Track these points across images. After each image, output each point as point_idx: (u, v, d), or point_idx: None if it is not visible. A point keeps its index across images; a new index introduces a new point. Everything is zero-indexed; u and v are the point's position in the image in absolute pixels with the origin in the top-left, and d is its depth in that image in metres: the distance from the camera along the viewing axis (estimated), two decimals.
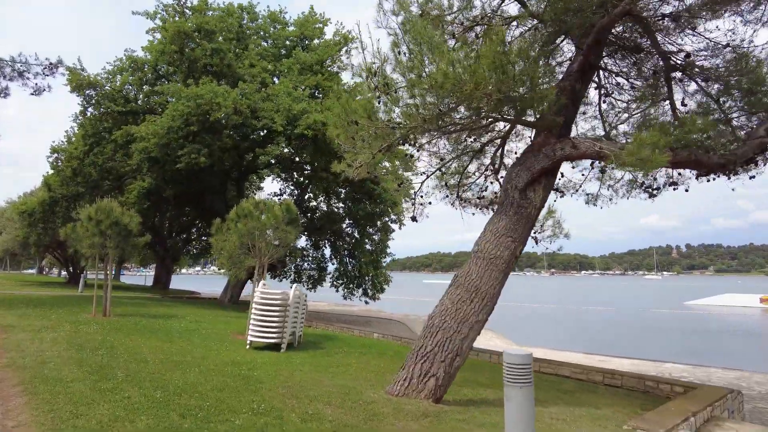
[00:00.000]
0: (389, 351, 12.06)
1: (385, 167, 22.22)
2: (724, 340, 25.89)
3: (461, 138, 10.18)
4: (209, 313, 18.52)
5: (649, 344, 24.23)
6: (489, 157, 12.17)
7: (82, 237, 15.09)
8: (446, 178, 12.50)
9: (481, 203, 13.08)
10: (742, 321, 36.20)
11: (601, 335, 28.12)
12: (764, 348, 23.28)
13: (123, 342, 10.06)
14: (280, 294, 10.63)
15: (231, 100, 17.03)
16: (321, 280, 31.22)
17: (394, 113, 7.71)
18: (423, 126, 7.59)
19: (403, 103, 7.40)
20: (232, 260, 12.45)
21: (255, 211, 12.62)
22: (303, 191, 28.36)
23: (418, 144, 10.89)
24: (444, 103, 7.12)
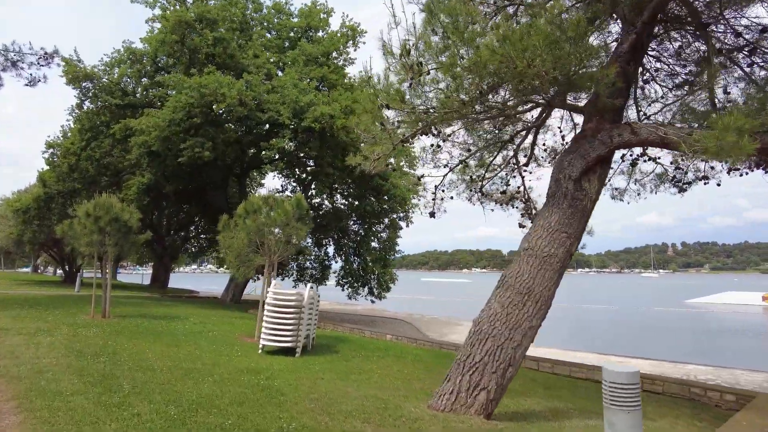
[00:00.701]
0: (407, 355, 11.37)
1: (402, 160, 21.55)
2: (734, 340, 25.34)
3: (491, 127, 9.49)
4: (212, 314, 17.78)
5: (659, 344, 23.62)
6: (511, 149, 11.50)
7: (79, 234, 14.32)
8: (469, 171, 11.82)
9: (502, 198, 12.42)
10: (746, 320, 35.73)
11: (608, 335, 27.52)
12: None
13: (126, 347, 9.33)
14: (294, 295, 9.92)
15: (236, 90, 16.27)
16: (324, 279, 30.49)
17: (430, 96, 7.02)
18: (459, 111, 6.90)
19: (442, 85, 6.71)
20: (240, 258, 11.72)
21: (264, 206, 11.90)
22: (306, 188, 27.61)
23: (442, 135, 10.21)
24: (485, 85, 6.44)
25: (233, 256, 11.77)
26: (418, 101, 7.02)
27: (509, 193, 12.56)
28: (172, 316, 15.90)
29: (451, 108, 6.90)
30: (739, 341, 24.68)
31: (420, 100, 7.07)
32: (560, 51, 5.55)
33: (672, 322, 34.47)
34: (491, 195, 12.48)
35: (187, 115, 16.74)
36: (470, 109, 7.23)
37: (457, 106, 7.00)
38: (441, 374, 9.25)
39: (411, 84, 6.93)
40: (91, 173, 22.98)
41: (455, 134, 10.21)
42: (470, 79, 6.38)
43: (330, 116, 16.54)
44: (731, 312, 42.07)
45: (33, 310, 14.73)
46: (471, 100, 6.71)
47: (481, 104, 7.26)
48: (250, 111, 16.95)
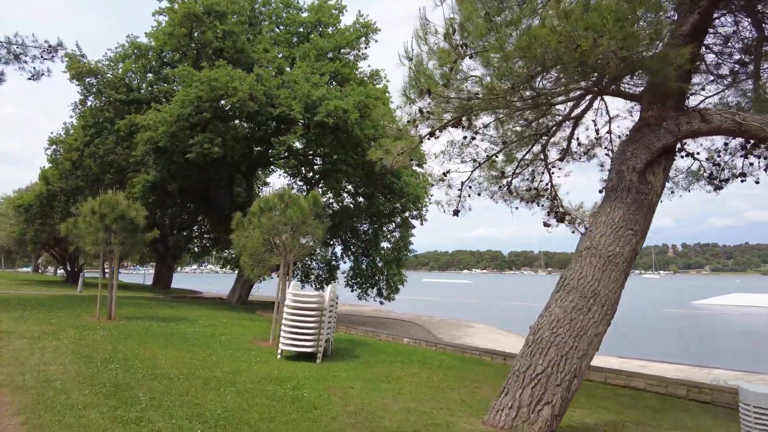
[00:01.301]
0: (432, 361, 10.79)
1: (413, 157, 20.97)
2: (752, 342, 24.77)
3: (529, 119, 8.91)
4: (221, 315, 17.20)
5: (676, 347, 23.05)
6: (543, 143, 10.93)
7: (84, 233, 13.76)
8: (497, 167, 11.24)
9: (528, 196, 11.84)
10: (758, 321, 35.18)
11: (625, 337, 26.90)
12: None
13: (137, 352, 8.75)
14: (315, 297, 9.34)
15: (247, 85, 15.68)
16: (331, 280, 29.87)
17: (474, 82, 6.43)
18: (504, 98, 6.33)
19: (479, 72, 6.15)
20: (255, 258, 11.13)
21: (279, 203, 11.32)
22: (313, 187, 27.00)
23: (473, 127, 9.64)
24: (537, 68, 5.87)
25: (247, 256, 11.18)
26: (462, 86, 6.42)
27: (535, 191, 12.00)
28: (180, 317, 15.32)
29: (497, 94, 6.34)
30: (760, 344, 24.11)
31: (464, 85, 6.48)
32: (631, 28, 4.98)
33: (684, 323, 33.92)
34: (517, 192, 11.92)
35: (195, 110, 16.15)
36: (518, 95, 6.67)
37: (503, 92, 6.43)
38: (475, 383, 8.68)
39: (453, 68, 6.35)
40: (94, 171, 22.39)
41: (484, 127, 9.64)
42: (521, 62, 5.82)
43: (343, 111, 15.95)
44: (742, 314, 41.51)
45: (36, 312, 14.15)
46: (519, 85, 6.14)
47: (530, 90, 6.69)
48: (261, 106, 16.36)
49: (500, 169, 11.61)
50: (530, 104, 7.08)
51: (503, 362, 11.64)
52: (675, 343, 24.04)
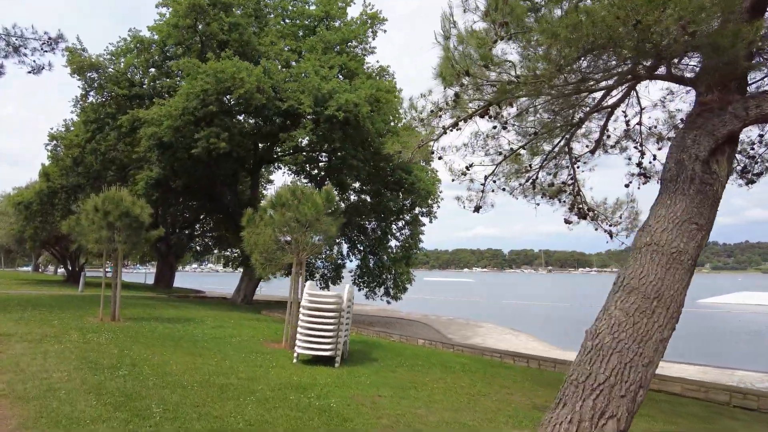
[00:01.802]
0: (453, 364, 10.27)
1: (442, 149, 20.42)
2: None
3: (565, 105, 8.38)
4: (227, 316, 16.69)
5: (693, 347, 22.52)
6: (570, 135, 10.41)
7: (87, 230, 13.24)
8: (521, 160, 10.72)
9: (551, 191, 11.33)
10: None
11: None
12: None
13: (144, 356, 8.23)
14: (333, 297, 8.82)
15: (254, 77, 15.14)
16: (337, 279, 29.38)
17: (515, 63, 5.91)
18: (549, 81, 5.81)
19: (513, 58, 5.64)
20: (267, 256, 10.61)
21: (292, 199, 10.79)
22: (319, 184, 26.45)
23: (501, 117, 9.13)
24: (588, 46, 5.35)
25: (258, 254, 10.66)
26: (500, 68, 5.90)
27: (560, 185, 11.50)
28: (185, 318, 14.82)
29: (540, 77, 5.82)
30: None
31: (501, 68, 5.96)
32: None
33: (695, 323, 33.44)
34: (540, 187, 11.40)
35: (201, 104, 15.61)
36: (562, 79, 6.15)
37: (547, 75, 5.91)
38: (504, 389, 8.17)
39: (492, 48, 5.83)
40: (96, 167, 21.85)
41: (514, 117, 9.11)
42: (569, 41, 5.30)
43: (354, 104, 15.40)
44: (752, 312, 41.03)
45: (37, 313, 13.63)
46: (565, 67, 5.63)
47: (575, 73, 6.17)
48: (269, 100, 15.83)
49: (523, 162, 11.14)
50: (571, 90, 6.56)
51: (526, 365, 11.14)
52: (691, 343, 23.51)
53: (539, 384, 8.85)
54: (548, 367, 10.86)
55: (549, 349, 19.80)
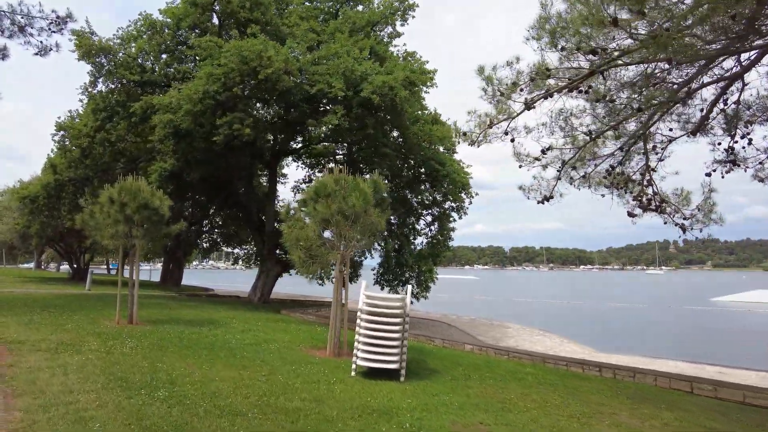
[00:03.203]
0: (524, 375, 9.07)
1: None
2: None
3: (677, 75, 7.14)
4: (250, 317, 15.48)
5: (717, 347, 21.29)
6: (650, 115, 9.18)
7: (102, 224, 12.01)
8: (598, 145, 9.48)
9: (618, 180, 10.09)
10: None
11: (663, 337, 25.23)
12: None
13: (181, 370, 7.01)
14: (397, 301, 7.61)
15: (282, 57, 13.87)
16: (354, 277, 28.09)
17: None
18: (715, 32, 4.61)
19: None
20: (311, 253, 9.37)
21: (337, 188, 9.56)
22: None
23: (592, 92, 7.88)
24: None
25: (301, 251, 9.42)
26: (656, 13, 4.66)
27: (627, 175, 10.27)
28: (208, 320, 13.61)
29: (669, 35, 4.60)
30: None
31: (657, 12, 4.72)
32: None
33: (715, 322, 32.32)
34: (614, 177, 10.16)
35: (223, 87, 14.34)
36: (707, 34, 4.92)
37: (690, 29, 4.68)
38: (602, 406, 6.95)
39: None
40: (105, 159, 20.58)
41: (606, 91, 7.86)
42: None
43: (390, 87, 14.13)
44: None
45: (47, 315, 12.44)
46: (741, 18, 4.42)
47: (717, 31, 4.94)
48: (296, 85, 14.53)
49: (599, 148, 9.91)
50: (720, 50, 5.35)
51: (599, 374, 9.92)
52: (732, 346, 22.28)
53: (633, 399, 7.63)
54: (625, 377, 9.64)
55: (589, 351, 18.57)
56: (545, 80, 7.43)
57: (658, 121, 9.04)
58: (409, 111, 15.26)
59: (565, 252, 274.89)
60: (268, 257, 22.22)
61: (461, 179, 18.89)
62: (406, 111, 15.10)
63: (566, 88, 7.33)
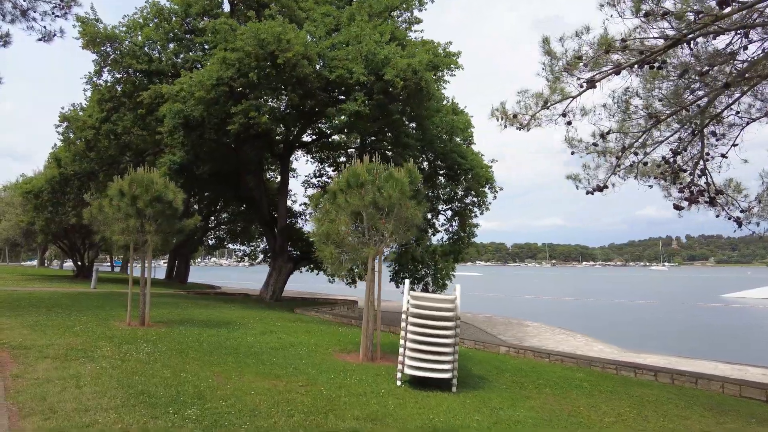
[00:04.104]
0: (574, 380, 8.26)
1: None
2: None
3: None
4: (267, 317, 14.69)
5: (752, 347, 20.49)
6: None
7: (112, 219, 11.19)
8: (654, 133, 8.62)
9: (671, 171, 9.25)
10: None
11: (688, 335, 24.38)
12: None
13: (209, 381, 6.21)
14: (448, 302, 6.78)
15: (301, 41, 13.00)
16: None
17: None
18: None
19: None
20: (346, 249, 8.55)
21: (370, 178, 8.73)
22: None
23: (668, 66, 7.03)
24: None
25: (333, 246, 8.59)
26: None
27: (679, 164, 9.42)
28: (223, 321, 12.81)
29: None
30: None
31: None
32: None
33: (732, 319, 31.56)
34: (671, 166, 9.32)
35: (237, 73, 13.49)
36: None
37: None
38: (685, 419, 6.12)
39: None
40: (110, 152, 19.76)
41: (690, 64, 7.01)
42: None
43: (414, 71, 13.25)
44: None
45: (53, 315, 11.66)
46: None
47: None
48: (314, 70, 13.64)
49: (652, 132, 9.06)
50: None
51: (654, 379, 9.09)
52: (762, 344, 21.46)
53: (712, 411, 6.81)
54: (685, 383, 8.83)
55: (618, 351, 17.75)
56: (619, 52, 6.57)
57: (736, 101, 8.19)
58: (437, 94, 14.40)
59: (567, 248, 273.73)
60: (280, 254, 21.42)
61: (484, 173, 18.01)
62: (433, 95, 14.24)
63: (640, 62, 6.47)
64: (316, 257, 9.24)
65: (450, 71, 15.04)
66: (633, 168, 9.31)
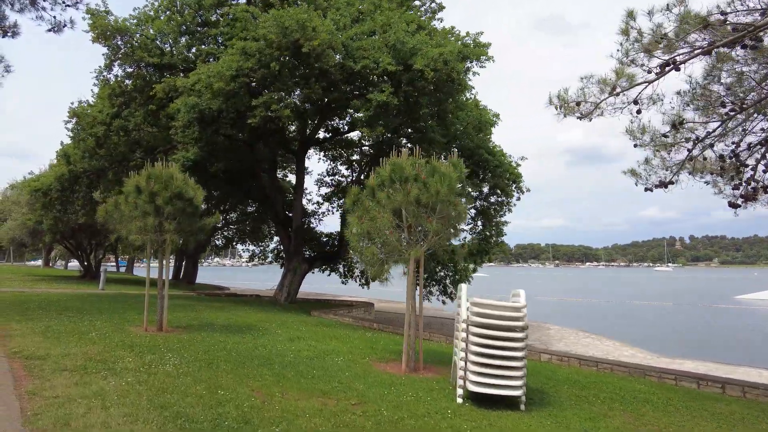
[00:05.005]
0: (638, 393, 7.50)
1: None
2: None
3: None
4: (288, 321, 13.97)
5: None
6: None
7: (128, 217, 10.48)
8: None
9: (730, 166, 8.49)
10: None
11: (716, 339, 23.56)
12: None
13: (252, 400, 5.48)
14: (517, 310, 6.03)
15: (327, 29, 12.26)
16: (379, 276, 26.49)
17: None
18: None
19: None
20: (388, 249, 7.80)
21: (414, 173, 7.99)
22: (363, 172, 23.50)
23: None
24: None
25: (375, 247, 7.86)
26: None
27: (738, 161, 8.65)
28: (245, 326, 12.09)
29: None
30: None
31: None
32: None
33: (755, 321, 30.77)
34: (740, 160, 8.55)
35: (258, 64, 12.76)
36: None
37: None
38: None
39: None
40: (120, 149, 19.05)
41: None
42: None
43: (444, 61, 12.49)
44: None
45: (65, 320, 10.95)
46: None
47: None
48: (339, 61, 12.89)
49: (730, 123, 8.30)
50: None
51: (721, 392, 8.33)
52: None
53: None
54: (758, 396, 8.06)
55: (651, 356, 16.98)
56: (703, 31, 5.82)
57: None
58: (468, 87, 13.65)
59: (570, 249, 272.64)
60: (295, 254, 20.69)
61: (512, 170, 17.22)
62: (465, 87, 13.51)
63: (737, 39, 5.72)
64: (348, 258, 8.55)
65: (480, 63, 14.30)
66: (686, 163, 8.56)
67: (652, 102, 7.49)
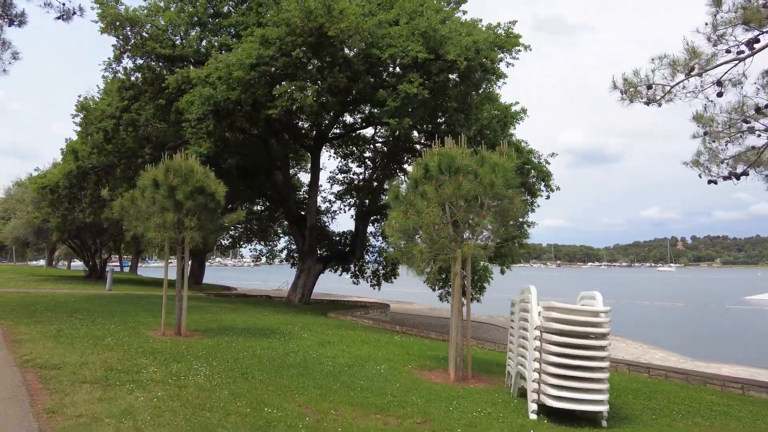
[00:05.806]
0: (711, 404, 6.79)
1: None
2: None
3: None
4: (309, 324, 13.26)
5: None
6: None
7: (146, 213, 9.77)
8: None
9: None
10: None
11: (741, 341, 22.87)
12: None
13: (300, 417, 4.78)
14: (598, 315, 5.32)
15: (354, 12, 11.54)
16: (392, 276, 25.90)
17: None
18: None
19: None
20: (436, 247, 7.08)
21: (465, 164, 7.28)
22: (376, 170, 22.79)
23: None
24: None
25: (423, 244, 7.14)
26: None
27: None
28: (267, 329, 11.39)
29: None
30: None
31: None
32: None
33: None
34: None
35: (279, 52, 12.05)
36: None
37: None
38: None
39: None
40: (129, 144, 18.35)
41: None
42: None
43: (477, 51, 11.78)
44: None
45: (76, 323, 10.27)
46: None
47: None
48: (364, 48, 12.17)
49: None
50: None
51: None
52: None
53: None
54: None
55: (687, 360, 16.25)
56: None
57: None
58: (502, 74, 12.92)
59: (572, 249, 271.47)
60: (310, 254, 19.98)
61: (541, 169, 16.47)
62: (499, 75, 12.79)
63: None
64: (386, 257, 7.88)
65: (512, 54, 13.55)
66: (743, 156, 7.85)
67: (731, 85, 6.78)
